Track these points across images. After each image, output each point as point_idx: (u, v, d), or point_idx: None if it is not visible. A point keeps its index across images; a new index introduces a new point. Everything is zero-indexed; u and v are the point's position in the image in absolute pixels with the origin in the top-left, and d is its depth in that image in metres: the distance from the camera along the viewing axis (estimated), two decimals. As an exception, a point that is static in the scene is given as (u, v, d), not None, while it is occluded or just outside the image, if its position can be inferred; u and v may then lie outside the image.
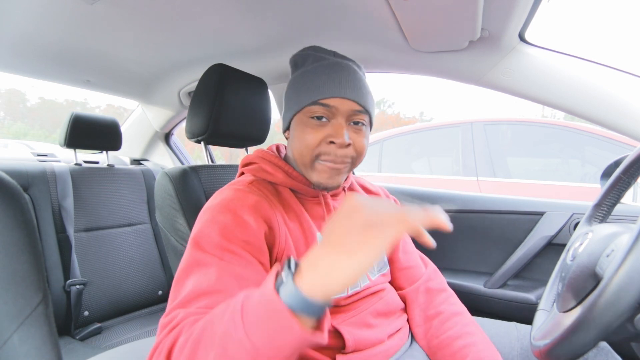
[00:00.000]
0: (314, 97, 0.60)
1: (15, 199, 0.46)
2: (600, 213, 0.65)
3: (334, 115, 0.61)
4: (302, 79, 0.64)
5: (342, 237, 0.35)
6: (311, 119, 0.61)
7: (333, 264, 0.34)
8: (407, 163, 3.07)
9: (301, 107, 0.62)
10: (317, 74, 0.62)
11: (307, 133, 0.61)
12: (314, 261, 0.36)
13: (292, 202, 0.65)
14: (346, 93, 0.60)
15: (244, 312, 0.37)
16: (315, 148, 0.61)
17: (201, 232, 0.54)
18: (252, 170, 0.67)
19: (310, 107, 0.61)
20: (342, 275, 0.34)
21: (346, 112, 0.61)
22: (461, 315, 0.71)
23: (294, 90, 0.65)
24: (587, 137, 2.33)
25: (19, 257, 0.44)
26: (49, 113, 9.87)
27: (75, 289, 1.23)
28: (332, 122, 0.61)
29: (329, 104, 0.60)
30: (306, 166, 0.63)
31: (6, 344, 0.42)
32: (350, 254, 0.34)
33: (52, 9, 0.88)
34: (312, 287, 0.35)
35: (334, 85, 0.60)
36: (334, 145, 0.60)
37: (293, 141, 0.65)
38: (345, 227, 0.36)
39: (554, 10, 0.96)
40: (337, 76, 0.61)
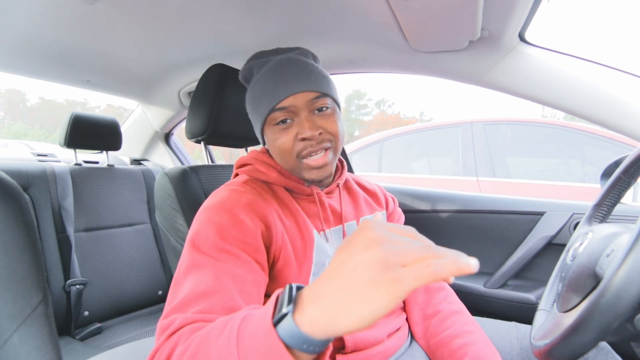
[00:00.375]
0: (269, 105, 0.61)
1: (15, 199, 0.46)
2: (600, 213, 0.65)
3: (295, 113, 0.61)
4: (253, 91, 0.65)
5: (353, 274, 0.29)
6: (276, 125, 0.62)
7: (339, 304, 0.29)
8: (407, 163, 3.07)
9: (264, 119, 0.63)
10: (264, 80, 0.63)
11: (278, 139, 0.62)
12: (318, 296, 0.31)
13: (287, 201, 0.65)
14: (295, 87, 0.60)
15: (240, 340, 0.34)
16: (292, 150, 0.62)
17: (198, 233, 0.55)
18: (246, 171, 0.68)
19: (271, 115, 0.62)
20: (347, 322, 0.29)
21: (304, 104, 0.61)
22: (460, 314, 0.71)
23: (252, 105, 0.66)
24: (587, 137, 2.33)
25: (19, 257, 0.44)
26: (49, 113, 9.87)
27: (75, 289, 1.23)
28: (296, 120, 0.62)
29: (285, 105, 0.60)
30: (293, 168, 0.64)
31: (6, 344, 0.42)
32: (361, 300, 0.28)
33: (52, 9, 0.88)
34: (313, 325, 0.30)
35: (281, 85, 0.61)
36: (307, 140, 0.61)
37: (272, 152, 0.66)
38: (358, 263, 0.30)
39: (554, 10, 0.96)
40: (281, 76, 0.61)
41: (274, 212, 0.61)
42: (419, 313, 0.73)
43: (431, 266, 0.28)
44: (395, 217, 0.82)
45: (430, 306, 0.73)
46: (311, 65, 0.64)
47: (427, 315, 0.72)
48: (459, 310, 0.72)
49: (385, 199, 0.82)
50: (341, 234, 0.69)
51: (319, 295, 0.31)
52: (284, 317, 0.32)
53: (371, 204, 0.78)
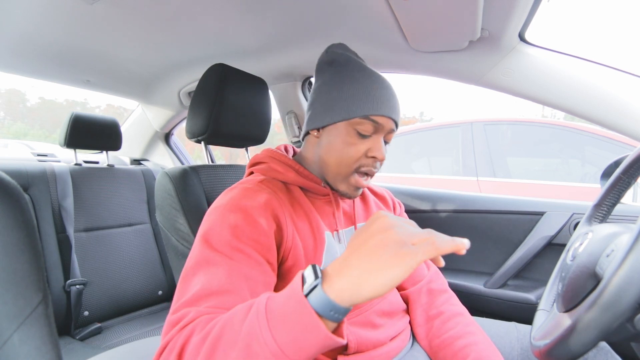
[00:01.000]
0: (368, 112, 0.60)
1: (15, 199, 0.46)
2: (600, 213, 0.65)
3: (377, 132, 0.63)
4: (351, 86, 0.62)
5: (376, 251, 0.36)
6: (357, 131, 0.62)
7: (363, 275, 0.35)
8: (407, 163, 3.07)
9: (351, 117, 0.61)
10: (369, 86, 0.62)
11: (351, 145, 0.62)
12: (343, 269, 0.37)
13: (302, 201, 0.65)
14: (393, 113, 0.62)
15: (269, 313, 0.37)
16: (356, 161, 0.62)
17: (211, 230, 0.54)
18: (262, 170, 0.67)
19: (361, 120, 0.61)
20: (371, 288, 0.35)
21: (387, 130, 0.63)
22: (462, 316, 0.71)
23: (342, 95, 0.62)
24: (587, 137, 2.33)
25: (19, 257, 0.44)
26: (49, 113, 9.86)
27: (75, 289, 1.23)
28: (372, 137, 0.63)
29: (379, 121, 0.61)
30: (340, 175, 0.64)
31: (6, 344, 0.42)
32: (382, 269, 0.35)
33: (52, 9, 0.88)
34: (341, 294, 0.36)
35: (385, 103, 0.62)
36: (373, 159, 0.63)
37: (329, 148, 0.64)
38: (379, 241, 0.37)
39: (554, 10, 0.96)
40: (386, 93, 0.62)
41: (287, 212, 0.61)
42: (422, 314, 0.73)
43: (435, 243, 0.36)
44: None
45: (433, 307, 0.73)
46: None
47: (429, 317, 0.72)
48: (461, 312, 0.72)
49: (393, 204, 0.84)
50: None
51: (344, 268, 0.37)
52: (314, 288, 0.36)
53: (381, 207, 0.80)
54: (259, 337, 0.36)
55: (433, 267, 0.81)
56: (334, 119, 0.63)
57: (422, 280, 0.76)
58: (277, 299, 0.38)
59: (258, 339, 0.36)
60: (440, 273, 0.81)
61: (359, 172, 0.63)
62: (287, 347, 0.36)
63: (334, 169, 0.64)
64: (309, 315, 0.35)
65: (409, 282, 0.77)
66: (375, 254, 0.36)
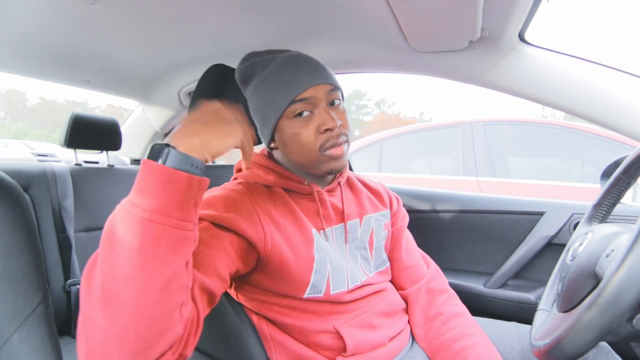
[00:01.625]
0: (289, 96, 0.60)
1: (15, 199, 0.46)
2: (600, 213, 0.65)
3: (315, 105, 0.61)
4: (265, 85, 0.63)
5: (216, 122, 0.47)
6: (295, 118, 0.61)
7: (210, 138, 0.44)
8: (407, 163, 3.07)
9: (282, 111, 0.61)
10: (279, 74, 0.61)
11: (299, 133, 0.61)
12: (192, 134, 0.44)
13: (285, 202, 0.65)
14: (316, 79, 0.61)
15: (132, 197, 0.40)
16: (314, 142, 0.61)
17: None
18: (245, 176, 0.67)
19: (290, 107, 0.60)
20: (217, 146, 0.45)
21: (324, 96, 0.61)
22: (462, 317, 0.71)
23: (263, 101, 0.63)
24: (587, 137, 2.33)
25: (19, 257, 0.44)
26: (49, 113, 9.86)
27: (76, 289, 1.23)
28: (315, 112, 0.61)
29: (306, 96, 0.60)
30: (314, 162, 0.63)
31: (6, 343, 0.42)
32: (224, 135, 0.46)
33: (52, 9, 0.88)
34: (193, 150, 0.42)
35: (302, 76, 0.60)
36: (330, 132, 0.60)
37: (288, 147, 0.64)
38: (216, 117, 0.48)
39: (554, 10, 0.96)
40: (300, 68, 0.61)
41: (264, 213, 0.60)
42: (421, 315, 0.73)
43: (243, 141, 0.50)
44: (400, 216, 0.82)
45: (432, 308, 0.72)
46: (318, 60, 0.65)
47: (429, 317, 0.72)
48: (461, 313, 0.72)
49: (390, 198, 0.82)
50: (343, 231, 0.69)
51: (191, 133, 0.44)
52: (168, 154, 0.40)
53: (375, 202, 0.78)
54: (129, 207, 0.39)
55: (433, 265, 0.81)
56: (271, 125, 0.63)
57: (422, 280, 0.76)
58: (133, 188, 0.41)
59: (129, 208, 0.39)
60: (440, 271, 0.81)
61: (326, 149, 0.61)
62: (158, 202, 0.38)
63: (305, 161, 0.63)
64: (167, 171, 0.39)
65: (408, 281, 0.76)
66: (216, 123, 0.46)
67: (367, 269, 0.70)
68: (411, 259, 0.78)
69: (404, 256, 0.78)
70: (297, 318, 0.61)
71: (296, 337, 0.62)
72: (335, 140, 0.61)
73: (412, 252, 0.80)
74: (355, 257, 0.70)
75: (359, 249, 0.71)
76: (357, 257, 0.70)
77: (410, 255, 0.79)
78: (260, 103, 0.64)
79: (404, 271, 0.77)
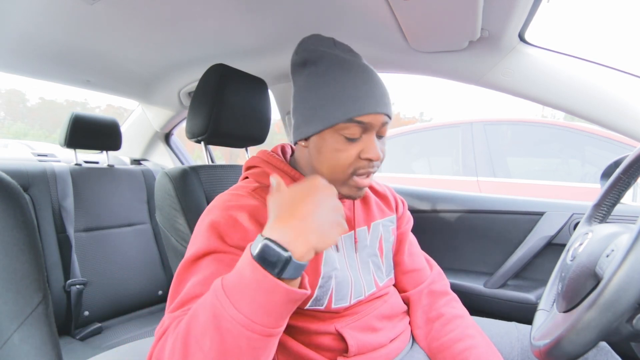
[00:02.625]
0: (350, 114, 0.54)
1: (15, 199, 0.46)
2: (600, 213, 0.65)
3: (367, 131, 0.57)
4: (328, 87, 0.56)
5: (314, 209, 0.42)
6: (343, 136, 0.56)
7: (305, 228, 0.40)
8: (407, 163, 3.07)
9: (333, 124, 0.55)
10: (347, 84, 0.56)
11: (340, 151, 0.56)
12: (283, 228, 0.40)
13: None
14: (379, 108, 0.56)
15: (226, 289, 0.38)
16: (349, 166, 0.57)
17: (199, 236, 0.54)
18: (255, 175, 0.65)
19: (345, 124, 0.55)
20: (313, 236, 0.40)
21: (379, 126, 0.57)
22: (463, 319, 0.71)
23: (319, 100, 0.57)
24: (587, 137, 2.33)
25: (19, 257, 0.44)
26: (49, 113, 9.85)
27: (75, 289, 1.23)
28: (363, 137, 0.57)
29: (365, 121, 0.55)
30: (337, 181, 0.59)
31: (6, 343, 0.42)
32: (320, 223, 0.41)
33: (52, 9, 0.88)
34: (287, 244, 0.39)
35: (369, 99, 0.55)
36: (369, 161, 0.57)
37: (321, 157, 0.59)
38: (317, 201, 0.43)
39: (554, 10, 0.96)
40: (370, 88, 0.56)
41: None
42: (421, 316, 0.73)
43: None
44: (404, 221, 0.81)
45: (433, 309, 0.72)
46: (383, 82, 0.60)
47: (429, 319, 0.72)
48: (462, 315, 0.71)
49: (396, 202, 0.80)
50: (352, 240, 0.68)
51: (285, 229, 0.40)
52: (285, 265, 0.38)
53: (382, 207, 0.76)
54: (224, 315, 0.37)
55: (436, 267, 0.81)
56: (316, 129, 0.57)
57: (424, 282, 0.76)
58: (231, 275, 0.40)
59: (224, 316, 0.37)
60: (443, 274, 0.80)
61: (356, 175, 0.59)
62: (254, 314, 0.37)
63: (329, 177, 0.58)
64: (263, 276, 0.37)
65: (410, 284, 0.76)
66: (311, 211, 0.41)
67: (379, 277, 0.69)
68: (414, 262, 0.78)
69: (406, 260, 0.77)
70: (299, 321, 0.61)
71: (298, 338, 0.62)
72: (369, 170, 0.59)
73: (415, 256, 0.79)
74: (367, 265, 0.68)
75: (371, 257, 0.70)
76: (369, 265, 0.69)
77: (413, 258, 0.78)
78: (313, 99, 0.58)
79: (406, 275, 0.77)
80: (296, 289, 0.38)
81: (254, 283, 0.37)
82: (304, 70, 0.61)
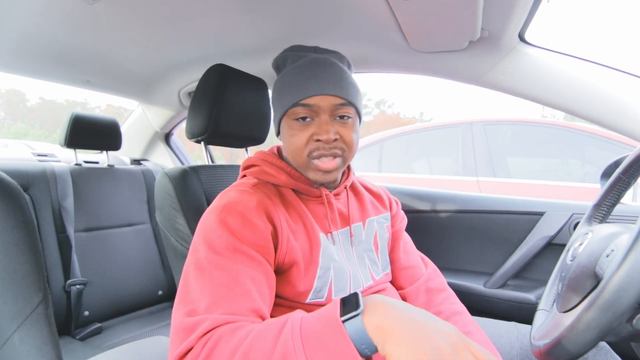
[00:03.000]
0: (295, 99, 0.60)
1: (15, 199, 0.46)
2: (600, 213, 0.65)
3: (317, 114, 0.61)
4: (282, 81, 0.65)
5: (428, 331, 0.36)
6: (295, 120, 0.62)
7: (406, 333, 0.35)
8: (407, 163, 3.07)
9: (285, 110, 0.62)
10: (295, 74, 0.62)
11: (294, 135, 0.62)
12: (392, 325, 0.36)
13: (295, 203, 0.65)
14: (325, 89, 0.60)
15: (304, 333, 0.38)
16: (304, 148, 0.61)
17: (211, 233, 0.54)
18: (254, 173, 0.67)
19: (293, 109, 0.61)
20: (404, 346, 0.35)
21: (328, 108, 0.61)
22: (461, 315, 0.71)
23: (278, 94, 0.65)
24: (587, 137, 2.33)
25: (19, 257, 0.44)
26: (49, 113, 9.85)
27: (76, 289, 1.23)
28: (316, 120, 0.61)
29: (310, 103, 0.60)
30: (301, 166, 0.64)
31: (6, 343, 0.42)
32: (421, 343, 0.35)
33: (52, 9, 0.88)
34: (378, 331, 0.36)
35: (311, 83, 0.60)
36: (321, 142, 0.60)
37: (284, 145, 0.66)
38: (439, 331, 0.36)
39: (554, 10, 0.97)
40: (313, 73, 0.61)
41: (281, 215, 0.61)
42: None
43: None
44: (398, 219, 0.83)
45: (431, 307, 0.73)
46: (344, 71, 0.64)
47: None
48: (460, 311, 0.72)
49: (390, 202, 0.83)
50: (348, 235, 0.69)
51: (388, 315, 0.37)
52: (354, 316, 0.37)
53: (376, 205, 0.79)
54: (292, 356, 0.37)
55: (431, 265, 0.81)
56: (277, 118, 0.66)
57: (420, 279, 0.76)
58: (312, 320, 0.39)
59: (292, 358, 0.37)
60: (438, 271, 0.81)
61: (313, 158, 0.62)
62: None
63: (294, 161, 0.65)
64: (345, 342, 0.36)
65: (406, 281, 0.77)
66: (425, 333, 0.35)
67: (375, 272, 0.71)
68: (409, 260, 0.79)
69: (402, 257, 0.78)
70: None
71: None
72: (324, 152, 0.61)
73: (410, 253, 0.80)
74: (362, 260, 0.70)
75: (366, 251, 0.71)
76: (364, 259, 0.70)
77: (408, 256, 0.80)
78: (275, 96, 0.66)
79: (402, 271, 0.78)
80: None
81: (332, 340, 0.36)
82: (277, 75, 0.70)
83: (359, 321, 0.37)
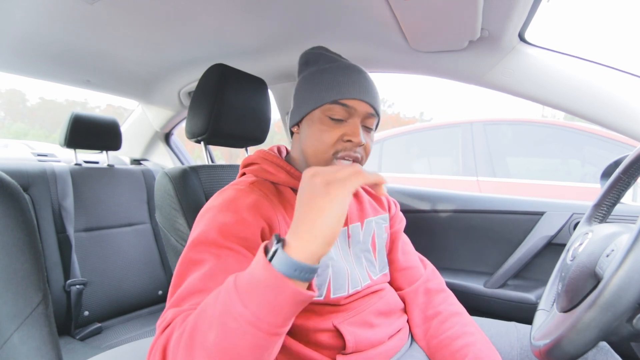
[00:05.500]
0: (335, 96, 0.61)
1: (15, 199, 0.46)
2: (600, 213, 0.65)
3: (351, 116, 0.62)
4: (320, 76, 0.64)
5: (310, 200, 0.40)
6: (329, 118, 0.62)
7: (310, 225, 0.38)
8: (407, 163, 3.07)
9: (320, 105, 0.62)
10: (336, 73, 0.63)
11: (324, 131, 0.62)
12: (294, 229, 0.40)
13: (293, 202, 0.65)
14: (365, 96, 0.62)
15: (238, 286, 0.39)
16: (332, 146, 0.62)
17: (199, 231, 0.55)
18: (253, 171, 0.67)
19: (330, 105, 0.62)
20: (321, 233, 0.38)
21: (362, 113, 0.63)
22: (460, 315, 0.71)
23: (311, 87, 0.65)
24: (587, 137, 2.33)
25: (19, 257, 0.44)
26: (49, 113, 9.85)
27: (75, 288, 1.23)
28: (348, 121, 0.62)
29: (349, 104, 0.61)
30: (320, 163, 0.63)
31: (6, 343, 0.42)
32: (320, 212, 0.38)
33: (52, 9, 0.88)
34: (299, 251, 0.38)
35: (354, 86, 0.62)
36: (350, 143, 0.62)
37: (306, 139, 0.65)
38: (309, 191, 0.40)
39: (554, 10, 0.97)
40: (356, 78, 0.63)
41: (279, 214, 0.61)
42: (419, 315, 0.73)
43: (359, 171, 0.40)
44: (397, 220, 0.83)
45: (430, 307, 0.73)
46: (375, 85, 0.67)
47: (427, 317, 0.72)
48: (459, 312, 0.72)
49: (388, 203, 0.83)
50: (346, 235, 0.69)
51: (295, 228, 0.40)
52: (275, 253, 0.38)
53: (375, 206, 0.79)
54: (232, 311, 0.37)
55: (430, 266, 0.81)
56: (306, 110, 0.65)
57: (419, 280, 0.76)
58: (244, 274, 0.40)
59: (231, 313, 0.37)
60: (437, 272, 0.81)
61: (338, 157, 0.62)
62: (261, 312, 0.37)
63: (313, 158, 0.64)
64: (274, 277, 0.37)
65: (405, 282, 0.77)
66: (310, 203, 0.40)
67: (372, 272, 0.71)
68: (408, 261, 0.79)
69: (400, 258, 0.79)
70: (298, 318, 0.62)
71: (296, 337, 0.62)
72: (350, 153, 0.62)
73: (408, 254, 0.80)
74: (360, 260, 0.70)
75: (364, 252, 0.71)
76: (362, 260, 0.70)
77: (407, 257, 0.80)
78: (306, 89, 0.66)
79: (401, 272, 0.78)
80: (304, 290, 0.38)
81: (263, 281, 0.37)
82: (305, 69, 0.70)
83: (280, 253, 0.38)
